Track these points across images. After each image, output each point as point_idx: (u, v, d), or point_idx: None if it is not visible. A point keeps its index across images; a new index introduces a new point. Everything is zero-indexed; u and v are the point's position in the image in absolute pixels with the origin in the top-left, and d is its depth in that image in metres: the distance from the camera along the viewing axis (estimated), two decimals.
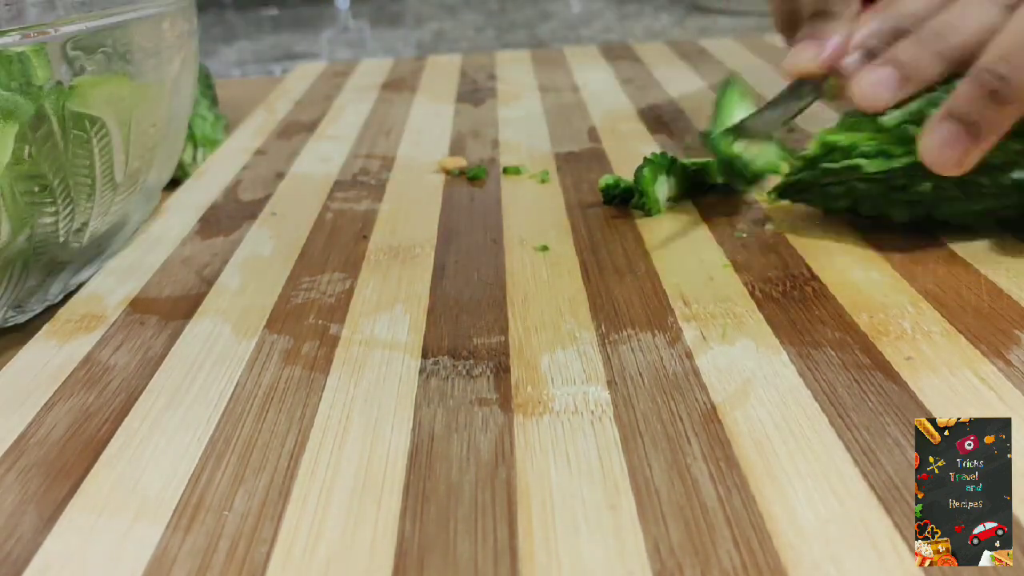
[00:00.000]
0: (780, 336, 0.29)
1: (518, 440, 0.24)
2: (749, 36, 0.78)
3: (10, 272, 0.32)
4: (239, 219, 0.42)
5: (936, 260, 0.33)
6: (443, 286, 0.34)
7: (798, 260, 0.34)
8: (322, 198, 0.44)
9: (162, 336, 0.31)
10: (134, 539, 0.22)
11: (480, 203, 0.42)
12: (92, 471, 0.24)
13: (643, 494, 0.22)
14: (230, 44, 1.03)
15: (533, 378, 0.27)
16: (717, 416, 0.25)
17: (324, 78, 0.71)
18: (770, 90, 0.58)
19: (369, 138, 0.54)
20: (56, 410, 0.27)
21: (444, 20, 1.12)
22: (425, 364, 0.28)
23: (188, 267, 0.37)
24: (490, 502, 0.22)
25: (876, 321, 0.29)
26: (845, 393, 0.25)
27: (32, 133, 0.30)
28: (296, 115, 0.61)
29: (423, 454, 0.24)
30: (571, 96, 0.61)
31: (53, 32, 0.30)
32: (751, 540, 0.20)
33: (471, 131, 0.54)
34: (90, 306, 0.34)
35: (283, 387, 0.28)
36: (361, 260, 0.36)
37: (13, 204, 0.31)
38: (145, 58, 0.35)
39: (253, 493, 0.23)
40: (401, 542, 0.21)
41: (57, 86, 0.31)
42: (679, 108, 0.56)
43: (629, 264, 0.34)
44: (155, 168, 0.38)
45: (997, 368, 0.26)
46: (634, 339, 0.29)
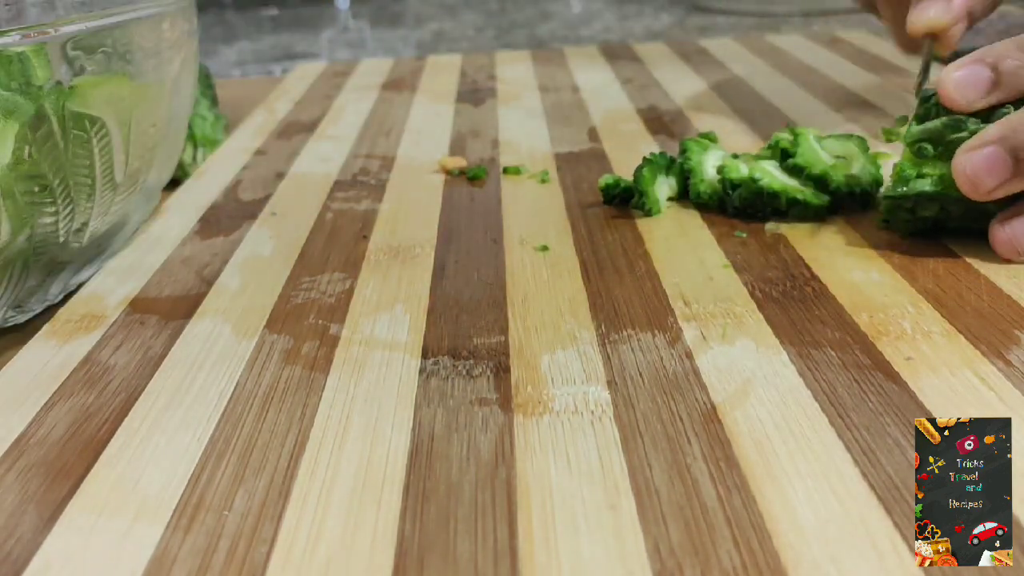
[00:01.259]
0: (780, 336, 0.29)
1: (518, 440, 0.24)
2: (749, 36, 0.78)
3: (10, 272, 0.32)
4: (239, 219, 0.42)
5: (936, 260, 0.33)
6: (443, 286, 0.34)
7: (798, 260, 0.34)
8: (322, 198, 0.44)
9: (162, 336, 0.31)
10: (134, 539, 0.22)
11: (480, 203, 0.42)
12: (92, 471, 0.24)
13: (643, 494, 0.22)
14: (230, 44, 1.03)
15: (533, 378, 0.27)
16: (717, 416, 0.25)
17: (324, 78, 0.71)
18: (770, 90, 0.58)
19: (369, 138, 0.54)
20: (56, 410, 0.27)
21: (444, 20, 1.12)
22: (425, 364, 0.28)
23: (188, 267, 0.37)
24: (490, 502, 0.22)
25: (876, 321, 0.29)
26: (845, 393, 0.25)
27: (32, 133, 0.30)
28: (296, 115, 0.61)
29: (423, 454, 0.24)
30: (571, 96, 0.61)
31: (53, 32, 0.30)
32: (751, 540, 0.20)
33: (471, 131, 0.54)
34: (90, 306, 0.34)
35: (283, 387, 0.28)
36: (361, 260, 0.36)
37: (13, 204, 0.31)
38: (145, 58, 0.35)
39: (253, 493, 0.23)
40: (401, 542, 0.21)
41: (57, 86, 0.31)
42: (679, 108, 0.56)
43: (629, 264, 0.34)
44: (155, 168, 0.38)
45: (997, 368, 0.26)
46: (634, 339, 0.29)
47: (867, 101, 0.54)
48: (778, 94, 0.57)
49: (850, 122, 0.50)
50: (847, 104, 0.54)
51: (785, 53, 0.69)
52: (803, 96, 0.56)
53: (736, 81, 0.62)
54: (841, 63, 0.64)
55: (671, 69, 0.67)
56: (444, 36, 1.01)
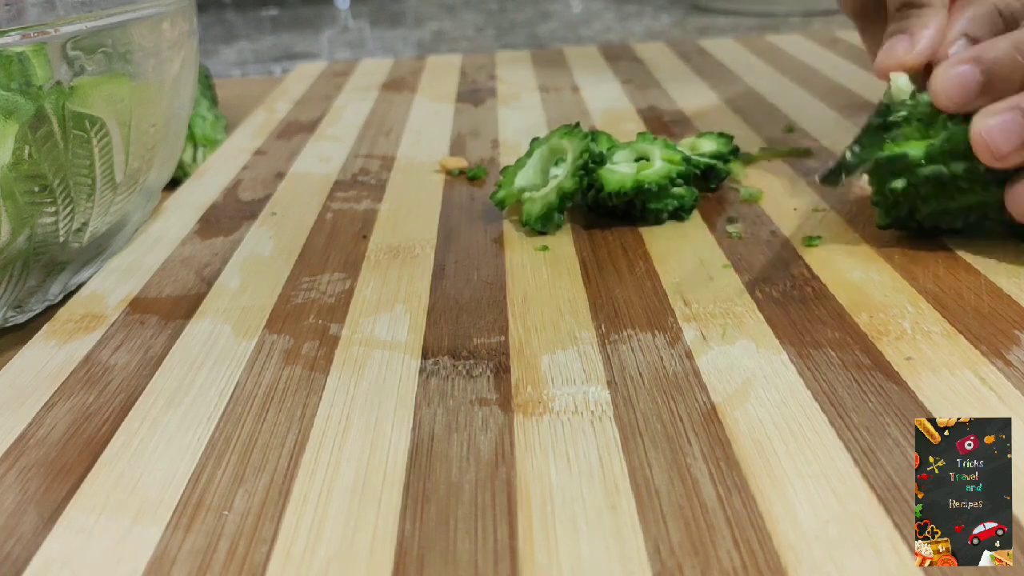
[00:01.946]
0: (780, 336, 0.29)
1: (518, 440, 0.24)
2: (749, 36, 0.78)
3: (10, 272, 0.32)
4: (239, 219, 0.42)
5: (936, 260, 0.33)
6: (443, 286, 0.34)
7: (798, 260, 0.34)
8: (322, 198, 0.44)
9: (162, 336, 0.31)
10: (134, 539, 0.22)
11: (480, 203, 0.42)
12: (92, 471, 0.24)
13: (643, 494, 0.22)
14: (230, 44, 1.03)
15: (533, 378, 0.27)
16: (717, 416, 0.25)
17: (324, 78, 0.71)
18: (770, 90, 0.58)
19: (369, 138, 0.54)
20: (56, 410, 0.27)
21: (444, 20, 1.12)
22: (425, 364, 0.28)
23: (188, 267, 0.37)
24: (490, 502, 0.22)
25: (876, 321, 0.29)
26: (845, 393, 0.25)
27: (32, 133, 0.30)
28: (296, 115, 0.61)
29: (423, 454, 0.24)
30: (571, 96, 0.61)
31: (53, 32, 0.30)
32: (751, 540, 0.20)
33: (471, 131, 0.54)
34: (90, 306, 0.34)
35: (283, 387, 0.28)
36: (361, 260, 0.36)
37: (13, 204, 0.31)
38: (145, 58, 0.35)
39: (253, 493, 0.23)
40: (401, 542, 0.21)
41: (57, 86, 0.31)
42: (679, 108, 0.56)
43: (629, 264, 0.34)
44: (155, 168, 0.38)
45: (997, 368, 0.26)
46: (634, 339, 0.29)
47: (867, 101, 0.54)
48: (778, 94, 0.57)
49: (850, 122, 0.50)
50: (847, 104, 0.54)
51: (785, 53, 0.69)
52: (803, 96, 0.56)
53: (736, 81, 0.62)
54: (841, 63, 0.64)
55: (671, 69, 0.67)
56: (444, 36, 1.01)
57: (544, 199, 0.38)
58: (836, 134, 0.48)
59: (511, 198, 0.39)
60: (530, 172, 0.40)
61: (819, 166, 0.37)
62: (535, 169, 0.40)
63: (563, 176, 0.38)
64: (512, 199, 0.39)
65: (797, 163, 0.44)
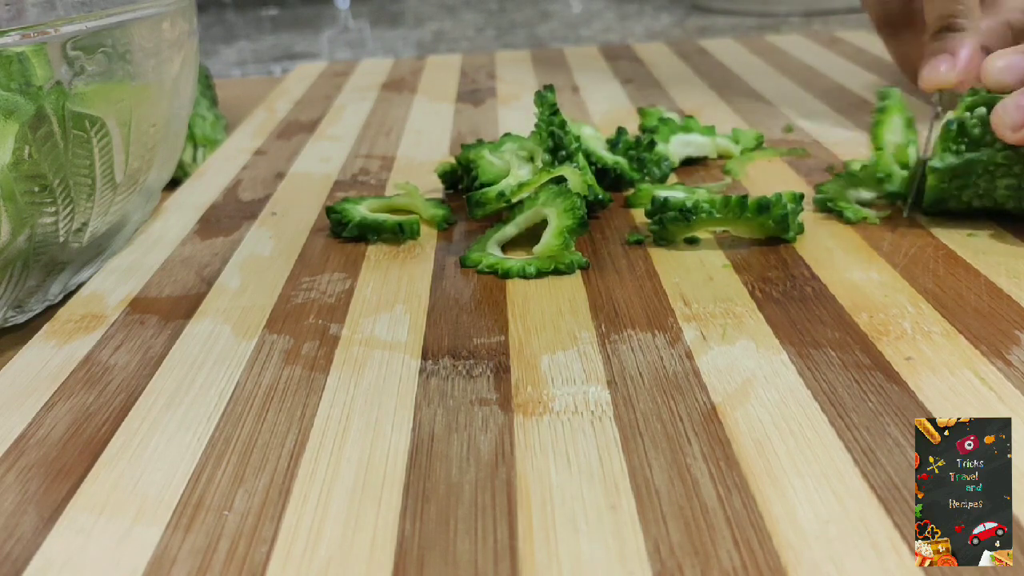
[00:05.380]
0: (780, 336, 0.29)
1: (518, 440, 0.24)
2: (749, 36, 0.78)
3: (10, 272, 0.32)
4: (239, 219, 0.42)
5: (936, 260, 0.33)
6: (443, 286, 0.34)
7: (798, 260, 0.34)
8: (322, 198, 0.44)
9: (162, 336, 0.31)
10: (134, 539, 0.22)
11: None
12: (92, 471, 0.24)
13: (643, 494, 0.22)
14: (230, 44, 1.03)
15: (533, 378, 0.27)
16: (717, 416, 0.25)
17: (324, 78, 0.71)
18: (770, 90, 0.58)
19: (369, 138, 0.54)
20: (56, 410, 0.27)
21: (444, 20, 1.12)
22: (425, 364, 0.28)
23: (188, 267, 0.37)
24: (490, 502, 0.22)
25: (876, 321, 0.29)
26: (845, 393, 0.25)
27: (32, 133, 0.30)
28: (296, 115, 0.61)
29: (423, 454, 0.24)
30: (571, 96, 0.61)
31: (53, 32, 0.30)
32: (751, 540, 0.20)
33: (471, 131, 0.54)
34: (90, 306, 0.34)
35: (283, 387, 0.28)
36: (361, 260, 0.36)
37: (13, 204, 0.31)
38: (145, 58, 0.35)
39: (253, 493, 0.23)
40: (401, 542, 0.21)
41: (57, 86, 0.31)
42: (679, 108, 0.56)
43: (629, 264, 0.34)
44: (155, 168, 0.38)
45: (997, 368, 0.26)
46: (634, 339, 0.29)
47: (867, 101, 0.54)
48: (778, 94, 0.57)
49: (850, 122, 0.50)
50: (847, 104, 0.54)
51: (785, 53, 0.69)
52: (803, 96, 0.56)
53: (736, 81, 0.62)
54: (841, 63, 0.64)
55: (671, 69, 0.67)
56: (444, 36, 1.01)
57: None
58: (836, 134, 0.48)
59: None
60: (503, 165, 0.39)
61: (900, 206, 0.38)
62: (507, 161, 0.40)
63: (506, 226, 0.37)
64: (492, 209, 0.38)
65: (797, 163, 0.44)
